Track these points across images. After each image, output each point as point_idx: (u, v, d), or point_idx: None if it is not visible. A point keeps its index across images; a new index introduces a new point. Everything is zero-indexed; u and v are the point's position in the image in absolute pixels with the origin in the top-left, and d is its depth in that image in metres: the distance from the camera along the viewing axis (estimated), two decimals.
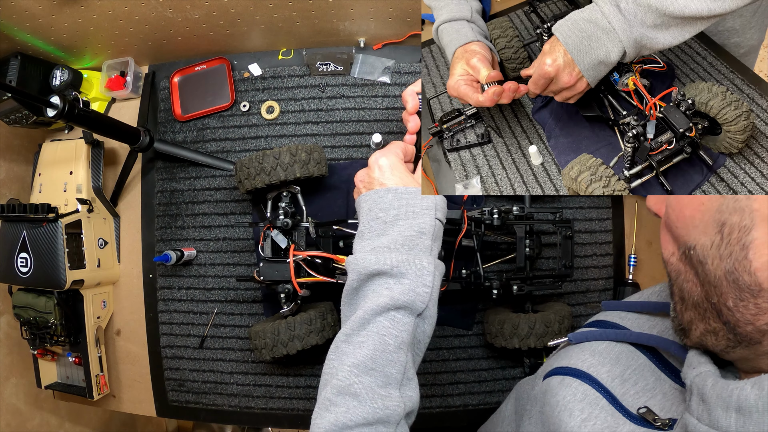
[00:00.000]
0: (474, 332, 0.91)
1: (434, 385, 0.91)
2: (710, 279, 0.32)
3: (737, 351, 0.33)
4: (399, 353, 0.47)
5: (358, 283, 0.51)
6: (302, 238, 0.81)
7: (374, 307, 0.48)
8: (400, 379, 0.47)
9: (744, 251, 0.30)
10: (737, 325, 0.31)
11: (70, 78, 0.91)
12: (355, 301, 0.52)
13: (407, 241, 0.51)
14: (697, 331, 0.35)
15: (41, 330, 0.89)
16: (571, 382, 0.43)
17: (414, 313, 0.49)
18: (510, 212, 0.79)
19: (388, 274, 0.49)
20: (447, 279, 0.79)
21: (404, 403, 0.46)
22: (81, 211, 0.89)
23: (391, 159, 0.57)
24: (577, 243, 0.92)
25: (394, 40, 0.93)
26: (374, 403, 0.44)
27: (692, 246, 0.33)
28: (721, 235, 0.31)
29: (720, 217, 0.31)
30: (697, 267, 0.33)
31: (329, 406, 0.45)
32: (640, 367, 0.43)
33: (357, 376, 0.45)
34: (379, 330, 0.47)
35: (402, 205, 0.53)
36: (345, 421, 0.44)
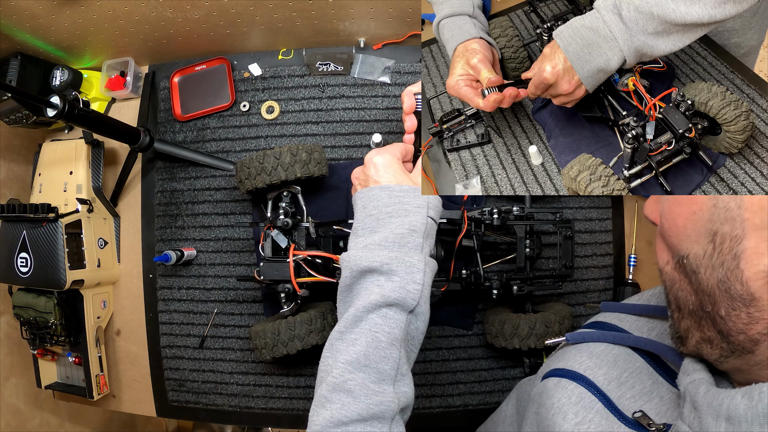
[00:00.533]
0: (474, 332, 0.91)
1: (434, 385, 0.91)
2: (703, 288, 0.32)
3: (730, 361, 0.34)
4: (392, 349, 0.48)
5: (351, 280, 0.52)
6: (302, 238, 0.81)
7: (366, 305, 0.48)
8: (394, 375, 0.48)
9: (735, 261, 0.30)
10: (730, 334, 0.32)
11: (70, 78, 0.91)
12: (349, 298, 0.52)
13: (398, 238, 0.51)
14: (693, 340, 0.36)
15: (41, 330, 0.89)
16: (567, 384, 0.43)
17: (405, 309, 0.49)
18: (510, 212, 0.79)
19: (378, 271, 0.50)
20: (447, 279, 0.79)
21: (398, 398, 0.47)
22: (81, 211, 0.89)
23: (386, 157, 0.57)
24: (577, 243, 0.92)
25: (394, 40, 0.93)
26: (368, 399, 0.45)
27: (685, 255, 0.34)
28: (713, 244, 0.31)
29: (712, 226, 0.31)
30: (690, 276, 0.34)
31: (324, 403, 0.46)
32: (638, 371, 0.43)
33: (351, 372, 0.46)
34: (371, 327, 0.48)
35: (394, 202, 0.53)
36: (340, 417, 0.44)
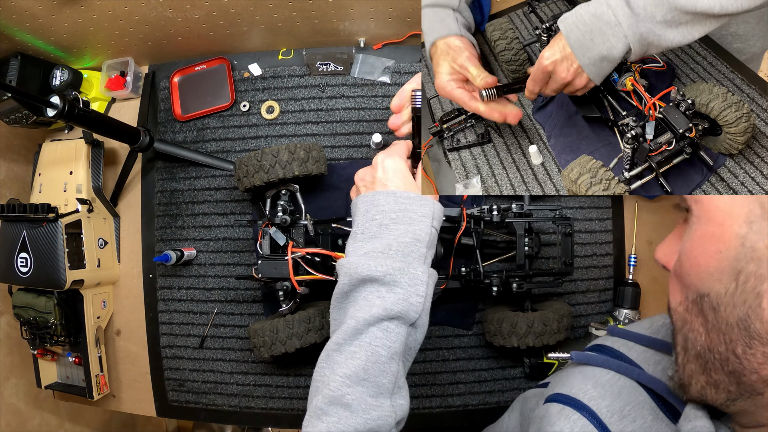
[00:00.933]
0: (474, 332, 0.91)
1: (434, 385, 0.91)
2: (721, 326, 0.32)
3: (738, 403, 0.34)
4: (391, 363, 0.47)
5: (350, 287, 0.50)
6: (301, 235, 0.81)
7: (367, 318, 0.48)
8: (392, 388, 0.48)
9: (758, 299, 0.30)
10: (743, 374, 0.32)
11: (70, 78, 0.91)
12: (345, 305, 0.51)
13: (402, 247, 0.50)
14: (697, 385, 0.36)
15: (41, 330, 0.89)
16: (570, 414, 0.43)
17: (407, 323, 0.49)
18: (509, 210, 0.79)
19: (380, 281, 0.49)
20: (446, 277, 0.79)
21: (395, 412, 0.47)
22: (81, 211, 0.89)
23: (396, 162, 0.56)
24: (577, 243, 0.92)
25: (394, 40, 0.93)
26: (366, 414, 0.45)
27: (706, 293, 0.33)
28: (737, 282, 0.31)
29: (737, 265, 0.31)
30: (707, 314, 0.33)
31: (321, 416, 0.46)
32: (641, 405, 0.43)
33: (349, 386, 0.46)
34: (371, 341, 0.47)
35: (400, 209, 0.52)
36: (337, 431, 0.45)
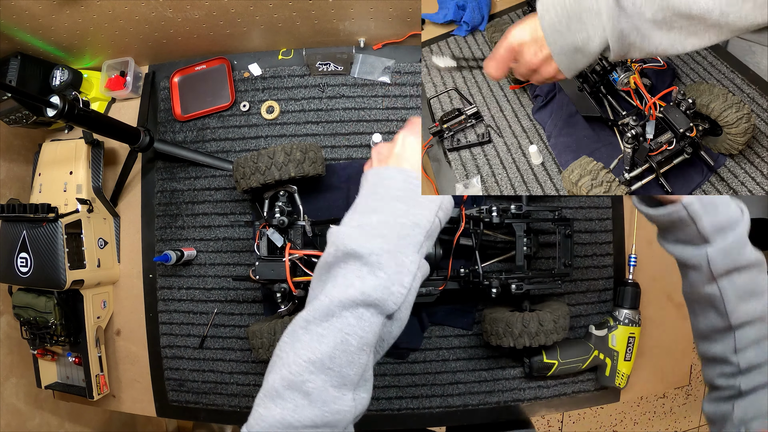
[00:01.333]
0: (474, 332, 0.91)
1: (434, 385, 0.91)
2: None
3: None
4: (360, 354, 0.43)
5: (334, 258, 0.45)
6: (299, 237, 0.81)
7: (342, 299, 0.43)
8: (357, 381, 0.43)
9: None
10: None
11: (70, 78, 0.91)
12: (326, 279, 0.46)
13: (399, 228, 0.45)
14: None
15: (41, 330, 0.89)
16: None
17: (383, 313, 0.44)
18: (508, 210, 0.79)
19: (363, 260, 0.43)
20: (445, 278, 0.79)
21: (356, 406, 0.43)
22: (81, 211, 0.89)
23: (418, 142, 0.50)
24: (577, 243, 0.92)
25: (394, 40, 0.93)
26: (325, 407, 0.41)
27: None
28: None
29: None
30: None
31: (275, 398, 0.42)
32: None
33: (311, 373, 0.41)
34: (342, 327, 0.42)
35: (407, 188, 0.48)
36: (291, 420, 0.40)
